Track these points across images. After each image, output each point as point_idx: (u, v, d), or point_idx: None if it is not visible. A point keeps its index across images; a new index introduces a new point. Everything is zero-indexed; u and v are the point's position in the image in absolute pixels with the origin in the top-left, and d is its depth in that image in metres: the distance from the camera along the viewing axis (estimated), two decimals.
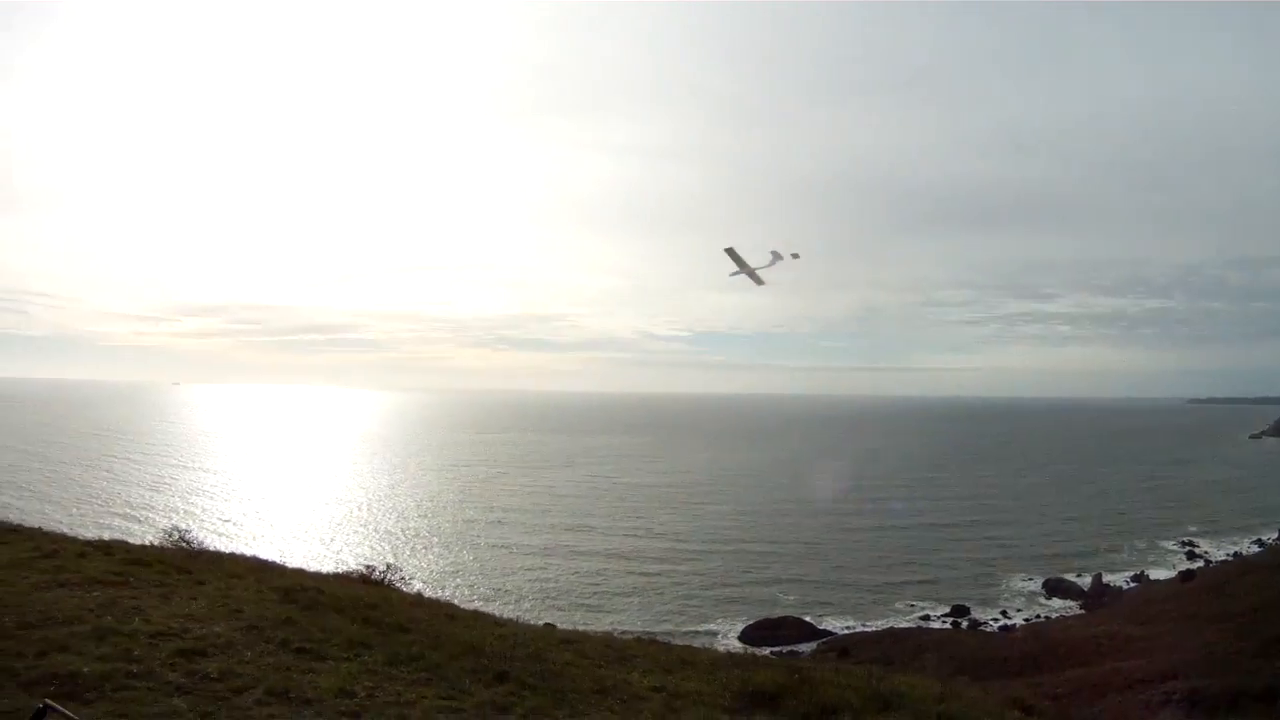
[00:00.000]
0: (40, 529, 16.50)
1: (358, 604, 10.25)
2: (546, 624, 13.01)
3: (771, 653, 23.24)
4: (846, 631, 46.89)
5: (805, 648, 40.65)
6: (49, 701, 2.13)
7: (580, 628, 12.88)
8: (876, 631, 45.80)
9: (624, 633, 19.78)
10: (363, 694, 7.03)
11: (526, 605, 36.35)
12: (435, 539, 54.21)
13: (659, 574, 50.56)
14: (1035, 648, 38.56)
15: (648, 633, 26.74)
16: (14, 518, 18.70)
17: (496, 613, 15.79)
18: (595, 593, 45.16)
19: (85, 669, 7.37)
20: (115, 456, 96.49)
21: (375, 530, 56.59)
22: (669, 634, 30.21)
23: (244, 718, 6.58)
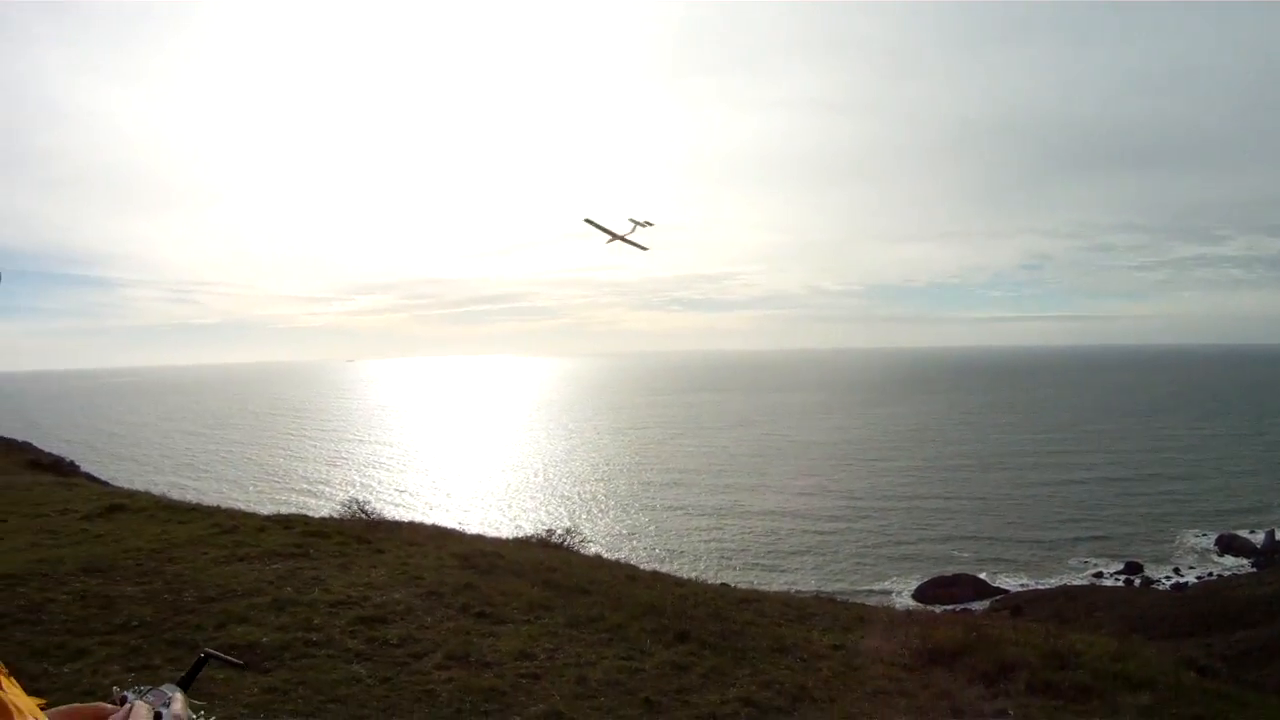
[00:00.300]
0: (219, 507, 17.50)
1: (538, 567, 10.38)
2: (723, 584, 12.98)
3: (945, 611, 23.11)
4: (1020, 589, 47.11)
5: (978, 606, 40.41)
6: (209, 650, 1.99)
7: (757, 587, 12.97)
8: (1049, 589, 45.50)
9: (799, 592, 19.66)
10: (543, 656, 7.10)
11: (703, 565, 37.13)
12: (613, 502, 55.73)
13: (833, 532, 51.18)
14: (1206, 607, 36.67)
15: (823, 591, 26.92)
16: (192, 498, 19.92)
17: (675, 573, 15.87)
18: (770, 552, 45.79)
19: (264, 639, 7.58)
20: (292, 434, 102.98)
21: (553, 495, 58.67)
22: (844, 592, 30.39)
23: (423, 681, 6.60)
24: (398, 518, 16.66)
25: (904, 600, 39.31)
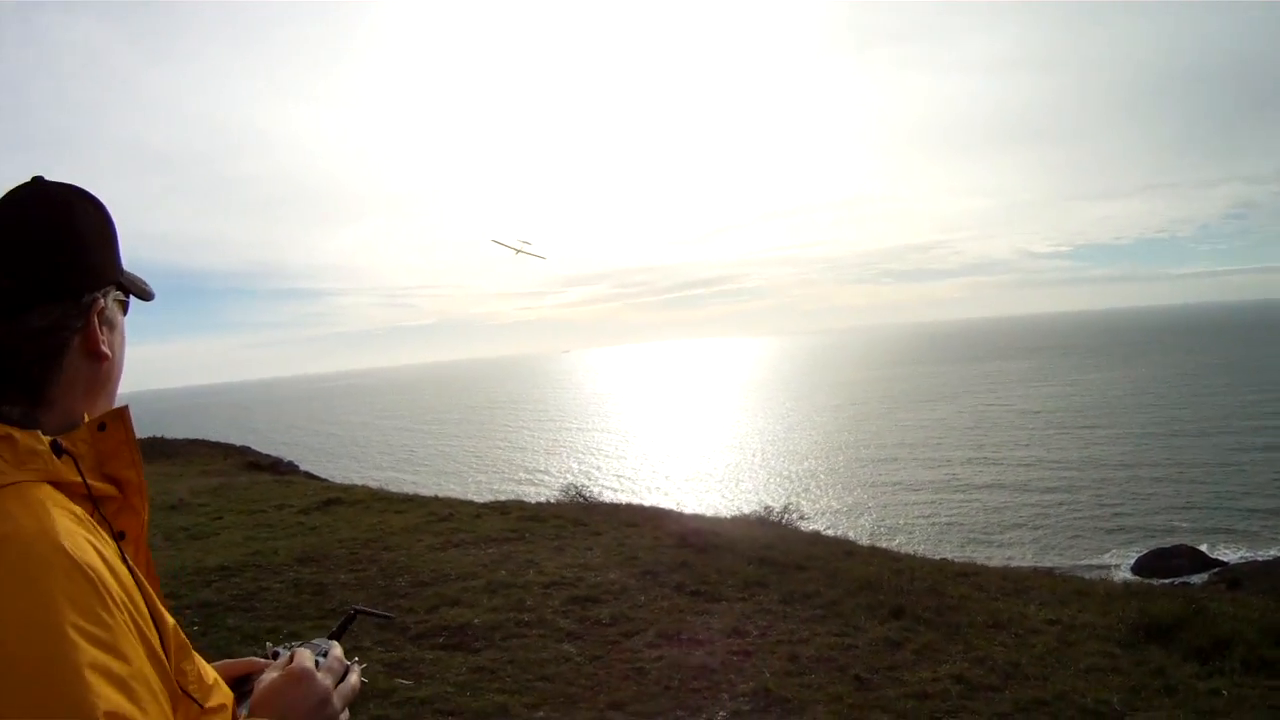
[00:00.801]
0: (436, 496, 18.58)
1: (754, 545, 10.58)
2: (942, 559, 12.76)
3: (1163, 584, 21.97)
4: (1240, 560, 44.26)
5: (1197, 578, 38.15)
6: (358, 607, 2.17)
7: (975, 561, 12.76)
8: (1269, 561, 42.09)
9: (1017, 566, 19.15)
10: (755, 633, 7.29)
11: (920, 540, 36.98)
12: (830, 479, 56.30)
13: (1052, 504, 49.92)
14: None
15: (1041, 565, 26.34)
16: (409, 490, 21.21)
17: (893, 548, 15.79)
18: (988, 526, 45.15)
19: (476, 620, 8.04)
20: (509, 426, 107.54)
21: (772, 473, 59.92)
22: (1062, 566, 29.70)
23: (633, 659, 6.84)
24: (616, 500, 17.18)
25: (1122, 573, 38.09)
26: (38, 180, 1.44)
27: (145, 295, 1.57)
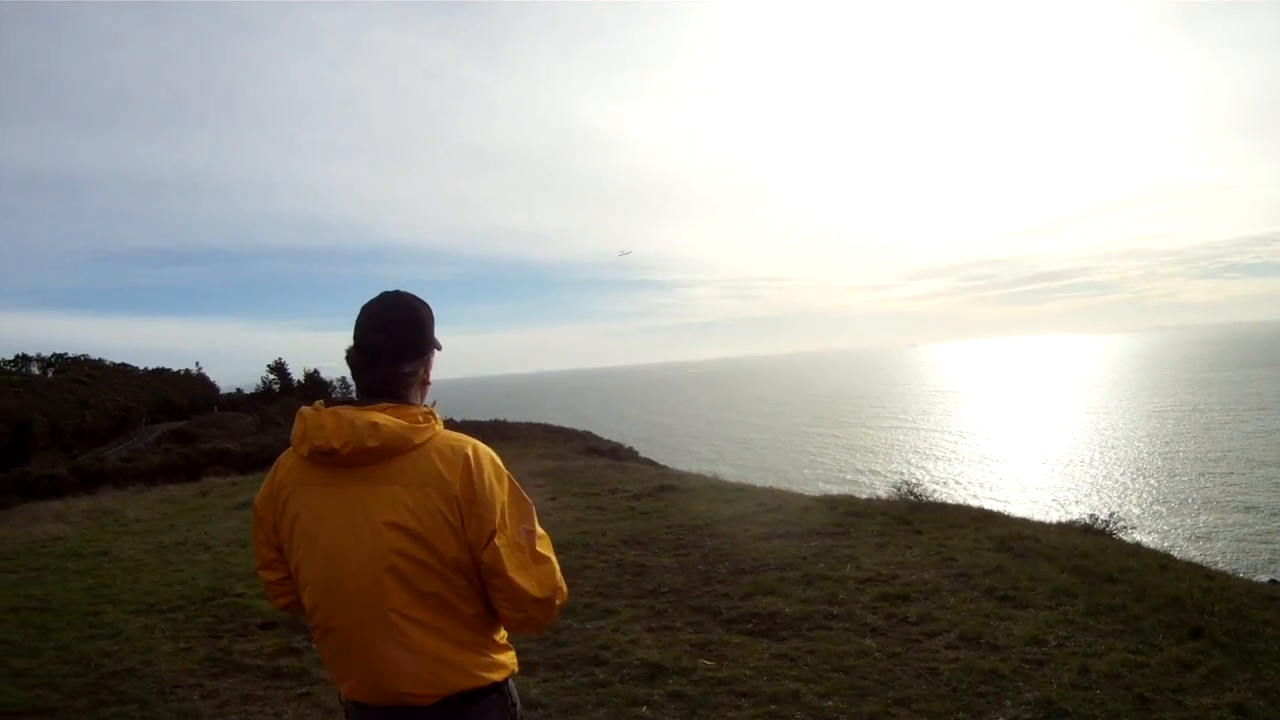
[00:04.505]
0: (768, 488, 19.06)
1: (1071, 553, 10.23)
2: (1255, 580, 11.70)
3: None
4: None
5: None
6: None
7: None
8: None
9: None
10: (1053, 642, 7.11)
11: (1243, 559, 33.34)
12: (1164, 489, 52.25)
13: None
14: None
15: None
16: (743, 478, 21.82)
17: (1211, 565, 14.62)
18: None
19: (787, 609, 8.36)
20: (847, 421, 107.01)
21: (1105, 480, 56.56)
22: None
23: (929, 659, 6.87)
24: (944, 500, 17.01)
25: None
26: (398, 291, 2.75)
27: (439, 348, 2.81)
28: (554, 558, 2.67)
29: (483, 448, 2.61)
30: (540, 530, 2.65)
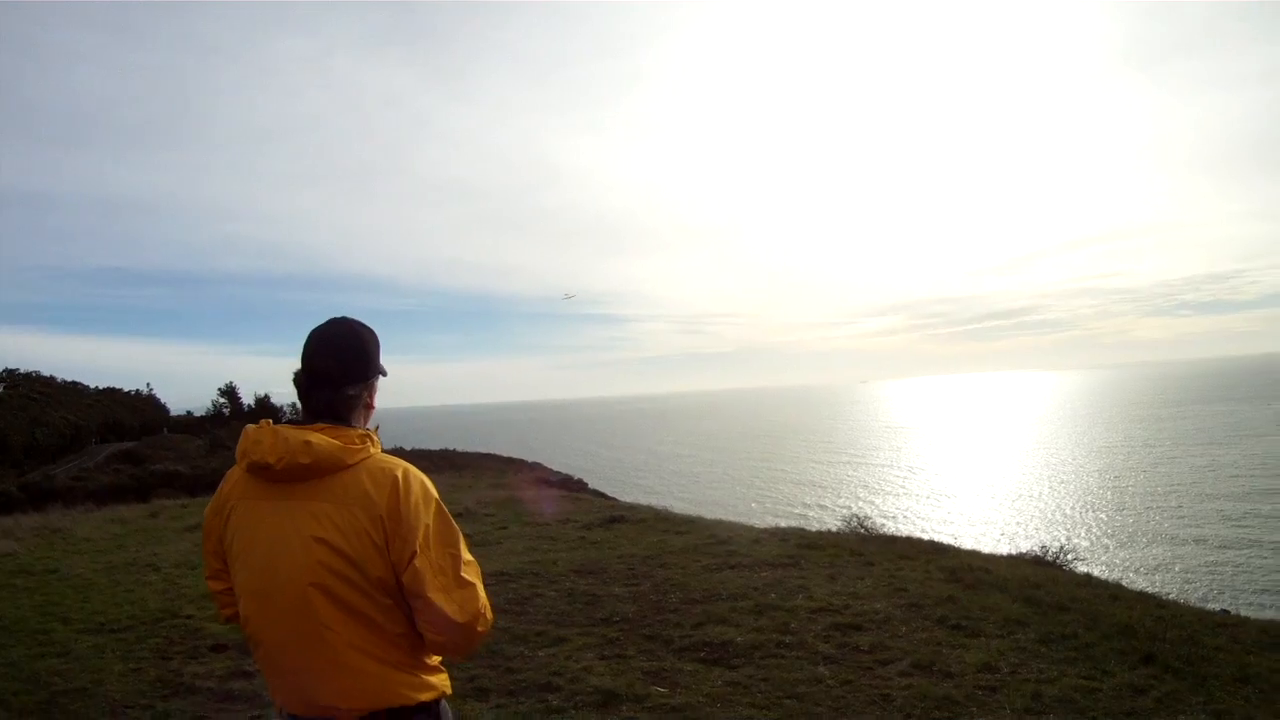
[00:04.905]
0: (718, 520, 19.06)
1: (1023, 583, 10.38)
2: (1205, 608, 11.96)
3: None
4: None
5: None
6: None
7: (1251, 614, 11.79)
8: None
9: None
10: (1006, 670, 7.22)
11: (1193, 589, 34.22)
12: (1114, 521, 53.56)
13: None
14: None
15: None
16: (693, 511, 21.82)
17: (1162, 594, 14.91)
18: (1270, 582, 40.88)
19: (739, 638, 8.36)
20: (797, 456, 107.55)
21: (1054, 513, 57.87)
22: None
23: (883, 686, 6.92)
24: (895, 533, 17.15)
25: None
26: (345, 318, 2.84)
27: (384, 374, 2.91)
28: (480, 584, 2.73)
29: (414, 472, 2.68)
30: (467, 556, 2.71)
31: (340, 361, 2.75)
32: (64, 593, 12.42)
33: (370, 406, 2.86)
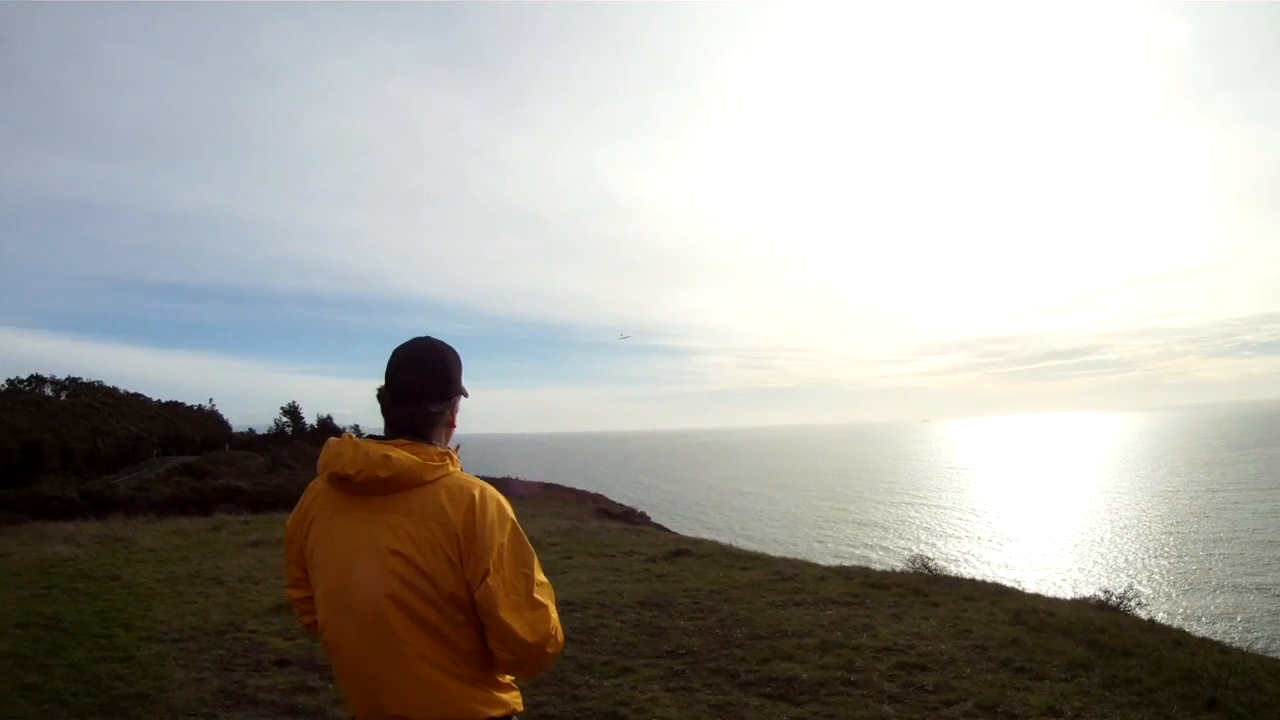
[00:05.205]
0: (782, 557, 19.13)
1: (1086, 627, 10.29)
2: (1271, 655, 11.75)
3: None
4: None
5: None
6: None
7: None
8: None
9: None
10: (1070, 713, 7.21)
11: (1255, 636, 33.33)
12: (1177, 566, 52.34)
13: None
14: None
15: None
16: (755, 548, 21.86)
17: (1227, 641, 14.66)
18: None
19: (804, 675, 8.45)
20: (861, 495, 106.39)
21: (1116, 558, 56.52)
22: None
23: None
24: (959, 574, 17.10)
25: None
26: (429, 337, 2.97)
27: (465, 394, 3.03)
28: (552, 606, 2.83)
29: (492, 491, 2.77)
30: (541, 578, 2.80)
31: (422, 378, 2.85)
32: (126, 600, 12.82)
33: (452, 425, 2.99)
